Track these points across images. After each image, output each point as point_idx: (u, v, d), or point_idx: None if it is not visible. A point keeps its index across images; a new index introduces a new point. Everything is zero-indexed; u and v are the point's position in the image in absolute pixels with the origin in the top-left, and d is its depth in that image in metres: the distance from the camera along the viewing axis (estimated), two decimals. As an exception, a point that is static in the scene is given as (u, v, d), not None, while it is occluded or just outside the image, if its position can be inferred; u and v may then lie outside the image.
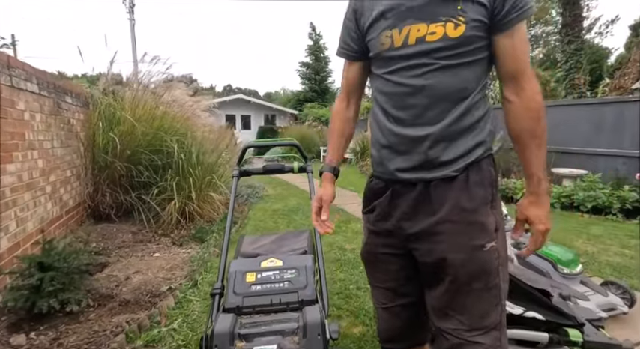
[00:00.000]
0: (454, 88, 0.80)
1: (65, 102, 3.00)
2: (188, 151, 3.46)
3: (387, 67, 0.85)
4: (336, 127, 1.05)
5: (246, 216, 4.05)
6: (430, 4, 0.77)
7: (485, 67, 0.84)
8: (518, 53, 0.80)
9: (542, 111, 0.81)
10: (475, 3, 0.76)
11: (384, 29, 0.82)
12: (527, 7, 0.78)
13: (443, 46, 0.77)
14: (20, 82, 2.16)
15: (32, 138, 2.31)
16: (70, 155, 3.10)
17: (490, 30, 0.79)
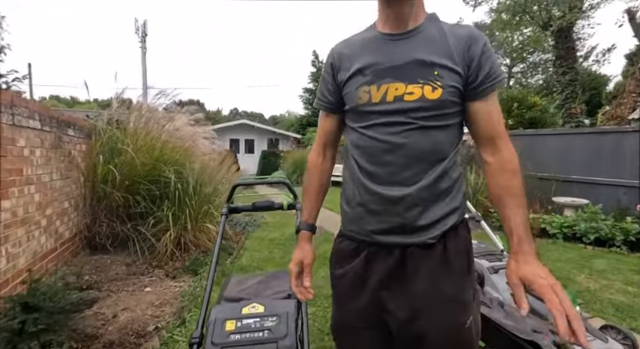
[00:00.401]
0: (431, 149, 0.81)
1: (67, 135, 3.09)
2: (185, 181, 3.50)
3: (363, 122, 0.86)
4: (312, 183, 1.04)
5: (242, 246, 4.02)
6: (409, 66, 0.81)
7: (459, 132, 0.87)
8: (494, 117, 0.83)
9: (518, 171, 0.82)
10: (451, 70, 0.79)
11: (362, 84, 0.85)
12: (500, 78, 0.83)
13: (421, 107, 0.79)
14: (22, 120, 2.24)
15: (30, 173, 2.37)
16: (69, 186, 3.15)
17: (464, 96, 0.82)
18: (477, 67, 0.80)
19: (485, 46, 0.81)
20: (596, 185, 4.74)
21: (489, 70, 0.80)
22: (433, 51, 0.80)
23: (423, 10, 0.87)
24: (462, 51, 0.80)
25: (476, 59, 0.80)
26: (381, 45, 0.85)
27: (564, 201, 4.70)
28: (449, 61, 0.79)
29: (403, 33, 0.84)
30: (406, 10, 0.82)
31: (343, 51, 0.92)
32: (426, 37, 0.83)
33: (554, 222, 4.34)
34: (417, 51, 0.81)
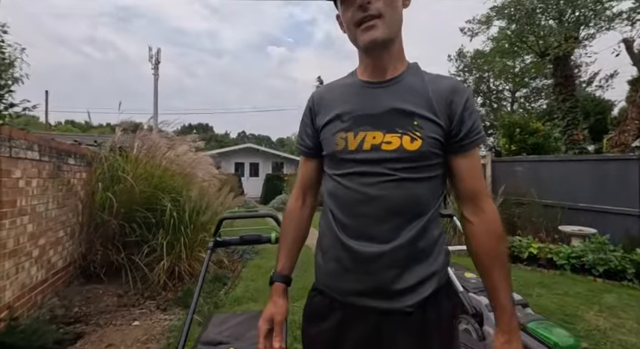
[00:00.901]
0: (409, 203, 0.77)
1: (67, 164, 3.14)
2: (182, 209, 3.49)
3: (339, 169, 0.83)
4: (288, 231, 0.98)
5: (238, 275, 3.93)
6: (387, 114, 0.78)
7: (440, 186, 0.83)
8: (475, 174, 0.81)
9: (502, 233, 0.79)
10: (431, 122, 0.77)
11: (339, 130, 0.82)
12: (481, 135, 0.81)
13: (399, 157, 0.76)
14: (20, 152, 2.29)
15: (25, 203, 2.38)
16: (66, 215, 3.16)
17: (445, 149, 0.79)
18: (460, 122, 0.78)
19: (469, 101, 0.79)
20: (603, 213, 4.60)
21: (472, 125, 0.78)
22: (413, 101, 0.79)
23: (403, 60, 0.86)
24: (444, 103, 0.78)
25: (458, 113, 0.78)
26: (361, 92, 0.84)
27: (571, 230, 4.56)
28: (429, 112, 0.77)
29: (383, 81, 0.83)
30: (385, 59, 0.82)
31: (323, 96, 0.91)
32: (406, 86, 0.81)
33: (561, 252, 4.19)
34: (397, 100, 0.79)
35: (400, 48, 0.85)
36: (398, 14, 0.79)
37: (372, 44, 0.77)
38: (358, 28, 0.76)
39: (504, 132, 7.60)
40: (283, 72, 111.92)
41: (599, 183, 4.76)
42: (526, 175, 5.60)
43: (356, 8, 0.74)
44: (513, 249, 4.56)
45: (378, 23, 0.75)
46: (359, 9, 0.74)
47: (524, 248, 4.47)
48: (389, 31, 0.77)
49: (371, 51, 0.81)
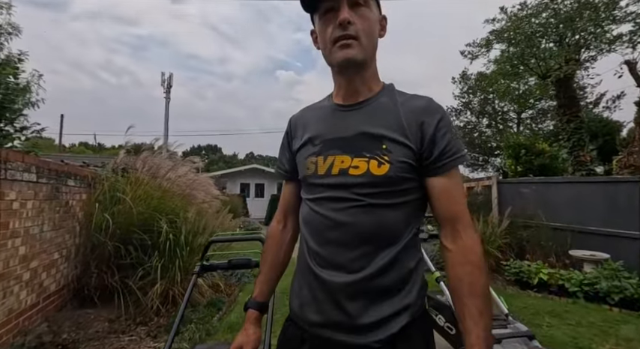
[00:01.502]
0: (379, 231, 0.73)
1: (66, 186, 3.15)
2: (178, 231, 3.45)
3: (311, 194, 0.82)
4: (267, 255, 0.95)
5: (235, 300, 3.81)
6: (356, 138, 0.76)
7: (416, 211, 0.79)
8: (454, 196, 0.76)
9: (482, 264, 0.72)
10: (401, 145, 0.74)
11: (310, 155, 0.81)
12: (459, 155, 0.76)
13: (366, 183, 0.73)
14: (16, 174, 2.31)
15: (18, 226, 2.37)
16: (62, 237, 3.14)
17: (421, 172, 0.76)
18: (431, 143, 0.74)
19: (442, 121, 0.76)
20: (615, 237, 4.41)
21: (445, 146, 0.75)
22: (383, 123, 0.76)
23: (377, 82, 0.85)
24: (415, 124, 0.75)
25: (429, 134, 0.74)
26: (333, 115, 0.83)
27: (582, 255, 4.36)
28: (400, 135, 0.74)
29: (354, 104, 0.82)
30: (357, 81, 0.81)
31: (299, 119, 0.91)
32: (376, 108, 0.80)
33: (572, 278, 3.99)
34: (366, 123, 0.77)
35: (374, 73, 0.84)
36: (373, 40, 0.79)
37: (346, 62, 0.76)
38: (335, 45, 0.76)
39: (510, 154, 7.51)
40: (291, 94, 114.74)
41: (609, 206, 4.59)
42: (533, 197, 5.46)
43: (336, 25, 0.74)
44: (522, 275, 4.37)
45: (354, 44, 0.75)
46: (339, 26, 0.73)
47: (533, 273, 4.28)
48: (364, 53, 0.77)
49: (344, 70, 0.80)
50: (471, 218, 0.78)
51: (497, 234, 4.98)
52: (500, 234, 4.99)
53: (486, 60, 9.47)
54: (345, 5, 0.73)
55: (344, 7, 0.73)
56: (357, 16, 0.74)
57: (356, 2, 0.74)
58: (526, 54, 7.98)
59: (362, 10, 0.75)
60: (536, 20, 7.81)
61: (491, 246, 4.84)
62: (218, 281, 3.86)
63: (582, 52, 7.91)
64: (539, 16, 7.80)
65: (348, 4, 0.74)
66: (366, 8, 0.76)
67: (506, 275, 4.65)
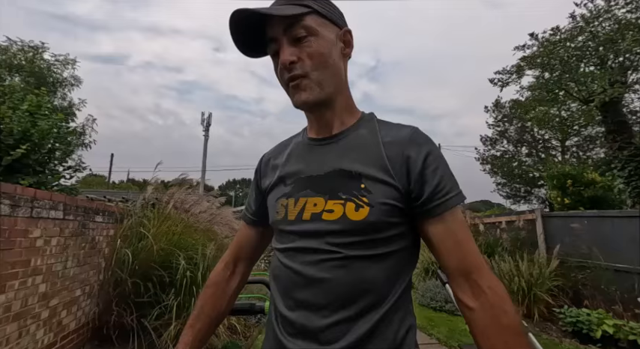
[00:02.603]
0: (358, 290, 0.59)
1: (93, 222, 3.25)
2: (196, 268, 3.39)
3: (281, 243, 0.69)
4: (205, 305, 0.79)
5: (252, 344, 3.59)
6: (330, 176, 0.65)
7: (406, 262, 0.65)
8: (461, 243, 0.61)
9: (521, 328, 0.55)
10: (383, 183, 0.62)
11: (281, 196, 0.70)
12: (453, 194, 0.62)
13: (341, 230, 0.61)
14: (42, 212, 2.39)
15: (40, 263, 2.42)
16: (86, 273, 3.18)
17: (412, 216, 0.63)
18: (420, 181, 0.62)
19: (431, 155, 0.63)
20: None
21: (438, 183, 0.62)
22: (361, 159, 0.65)
23: (353, 112, 0.74)
24: (400, 159, 0.63)
25: (417, 170, 0.62)
26: (306, 151, 0.73)
27: (656, 304, 3.69)
28: (380, 172, 0.62)
29: (328, 137, 0.71)
30: (328, 116, 0.71)
31: (271, 156, 0.81)
32: (354, 141, 0.68)
33: (647, 333, 3.35)
34: (342, 159, 0.66)
35: (346, 102, 0.73)
36: (331, 71, 0.67)
37: (302, 105, 0.67)
38: (288, 87, 0.67)
39: (554, 184, 6.87)
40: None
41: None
42: (586, 233, 4.85)
43: (282, 67, 0.65)
44: (581, 325, 3.75)
45: (307, 84, 0.65)
46: (285, 69, 0.65)
47: (595, 324, 3.66)
48: (321, 91, 0.66)
49: (306, 111, 0.71)
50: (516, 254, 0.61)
51: (546, 275, 4.41)
52: (550, 276, 4.42)
53: (518, 86, 9.12)
54: (284, 45, 0.64)
55: (283, 48, 0.64)
56: (302, 51, 0.64)
57: (297, 37, 0.64)
58: (564, 79, 7.57)
59: (308, 42, 0.65)
60: (571, 44, 7.48)
61: (539, 289, 4.28)
62: (234, 322, 3.68)
63: (629, 74, 7.36)
64: (575, 40, 7.47)
65: (288, 41, 0.65)
66: (313, 37, 0.65)
67: (560, 325, 4.03)
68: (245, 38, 0.67)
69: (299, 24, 0.64)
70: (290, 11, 0.62)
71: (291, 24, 0.63)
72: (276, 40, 0.65)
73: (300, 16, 0.63)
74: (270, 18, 0.64)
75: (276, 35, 0.65)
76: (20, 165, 3.52)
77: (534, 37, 7.92)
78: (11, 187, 2.08)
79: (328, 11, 0.69)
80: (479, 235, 5.56)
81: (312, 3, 0.66)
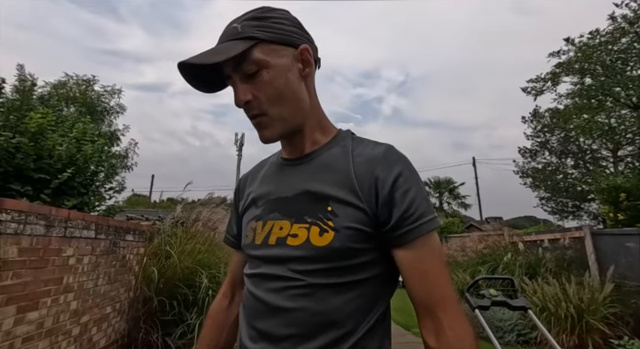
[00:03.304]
0: (323, 321, 0.54)
1: (124, 241, 3.41)
2: (219, 287, 3.40)
3: (249, 268, 0.66)
4: (206, 338, 0.77)
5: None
6: (299, 198, 0.62)
7: (378, 291, 0.59)
8: (429, 273, 0.56)
9: None
10: (349, 206, 0.57)
11: (252, 219, 0.68)
12: (425, 220, 0.56)
13: (305, 256, 0.57)
14: (75, 231, 2.54)
15: (72, 281, 2.55)
16: (117, 290, 3.32)
17: (383, 241, 0.58)
18: (388, 204, 0.57)
19: (402, 176, 0.58)
20: None
21: (407, 208, 0.56)
22: (329, 179, 0.61)
23: (326, 131, 0.70)
24: (368, 180, 0.58)
25: (385, 192, 0.57)
26: (278, 172, 0.71)
27: None
28: (348, 194, 0.58)
29: (299, 158, 0.68)
30: (298, 139, 0.68)
31: (248, 176, 0.79)
32: (324, 161, 0.65)
33: None
34: (311, 179, 0.63)
35: (317, 122, 0.69)
36: (291, 102, 0.62)
37: (267, 142, 0.65)
38: (252, 123, 0.65)
39: (604, 198, 6.25)
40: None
41: None
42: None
43: (239, 107, 0.63)
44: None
45: (267, 121, 0.62)
46: (242, 108, 0.63)
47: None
48: (284, 125, 0.63)
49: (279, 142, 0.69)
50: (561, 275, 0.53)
51: (600, 300, 3.94)
52: (604, 302, 3.95)
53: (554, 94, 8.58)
54: (237, 83, 0.61)
55: (236, 87, 0.61)
56: (255, 87, 0.61)
57: (249, 74, 0.60)
58: (607, 84, 7.03)
59: (260, 77, 0.60)
60: (614, 47, 6.97)
61: (592, 317, 3.82)
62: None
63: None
64: (618, 42, 6.95)
65: (240, 79, 0.61)
66: (264, 70, 0.60)
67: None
68: (202, 80, 0.65)
69: (246, 60, 0.59)
70: (233, 51, 0.57)
71: (239, 62, 0.59)
72: (229, 77, 0.62)
73: (244, 52, 0.58)
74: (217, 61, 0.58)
75: (229, 73, 0.61)
76: (66, 188, 3.80)
77: (570, 41, 7.47)
78: (46, 208, 2.24)
79: (276, 34, 0.61)
80: (518, 255, 5.14)
81: (256, 32, 0.60)
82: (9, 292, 1.93)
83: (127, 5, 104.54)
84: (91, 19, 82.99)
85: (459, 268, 5.91)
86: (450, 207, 21.68)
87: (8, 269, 1.93)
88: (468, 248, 6.54)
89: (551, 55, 7.83)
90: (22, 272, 2.04)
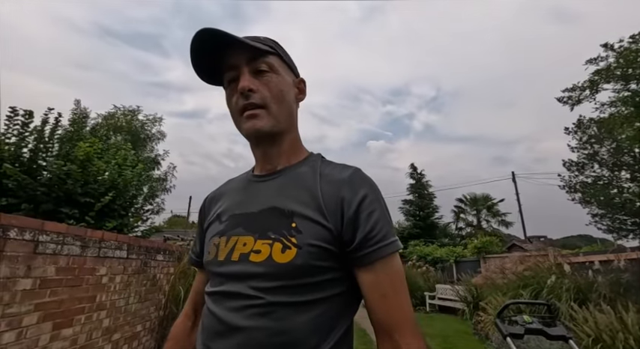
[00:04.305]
0: (281, 341, 0.54)
1: (154, 260, 3.57)
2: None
3: (210, 286, 0.66)
4: None
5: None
6: (264, 214, 0.63)
7: (340, 310, 0.59)
8: (385, 296, 0.56)
9: None
10: (314, 223, 0.58)
11: (215, 234, 0.68)
12: (386, 242, 0.57)
13: (266, 273, 0.57)
14: (108, 252, 2.71)
15: (105, 299, 2.70)
16: (147, 309, 3.45)
17: (345, 259, 0.58)
18: (352, 225, 0.57)
19: (367, 198, 0.59)
20: None
21: (371, 229, 0.57)
22: (296, 197, 0.62)
23: (299, 152, 0.73)
24: (334, 200, 0.59)
25: (350, 213, 0.58)
26: (246, 187, 0.72)
27: None
28: (314, 211, 0.59)
29: (269, 174, 0.70)
30: (273, 153, 0.70)
31: (215, 193, 0.81)
32: (292, 179, 0.66)
33: None
34: (277, 196, 0.64)
35: (294, 143, 0.72)
36: (286, 108, 0.69)
37: (255, 133, 0.66)
38: (242, 115, 0.67)
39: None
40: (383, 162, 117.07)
41: None
42: None
43: (239, 95, 0.66)
44: None
45: (262, 113, 0.65)
46: (241, 96, 0.65)
47: None
48: (275, 122, 0.66)
49: (255, 141, 0.70)
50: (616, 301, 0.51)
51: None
52: (673, 334, 3.44)
53: (595, 103, 7.99)
54: (245, 73, 0.66)
55: (244, 76, 0.65)
56: (261, 83, 0.66)
57: (258, 70, 0.66)
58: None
59: (267, 77, 0.67)
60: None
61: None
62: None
63: None
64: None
65: (249, 71, 0.66)
66: (273, 74, 0.67)
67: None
68: (202, 61, 0.67)
69: (262, 59, 0.66)
70: (257, 45, 0.65)
71: (255, 57, 0.65)
72: (237, 67, 0.66)
73: (265, 52, 0.66)
74: (234, 46, 0.65)
75: (238, 63, 0.65)
76: (108, 210, 4.10)
77: (609, 47, 7.00)
78: (82, 230, 2.42)
79: (289, 60, 0.73)
80: (564, 277, 4.68)
81: (276, 47, 0.70)
82: (46, 309, 2.08)
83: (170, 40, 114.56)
84: (140, 55, 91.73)
85: (497, 291, 5.49)
86: (490, 225, 20.40)
87: (46, 287, 2.09)
88: (507, 269, 6.07)
89: (588, 62, 7.37)
90: (59, 290, 2.19)
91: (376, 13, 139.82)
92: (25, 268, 1.92)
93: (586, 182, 14.85)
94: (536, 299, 4.44)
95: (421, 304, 9.29)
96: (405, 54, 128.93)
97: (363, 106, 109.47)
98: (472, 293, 7.57)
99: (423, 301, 9.39)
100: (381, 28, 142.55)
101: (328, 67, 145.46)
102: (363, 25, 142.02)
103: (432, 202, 19.62)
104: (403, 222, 20.48)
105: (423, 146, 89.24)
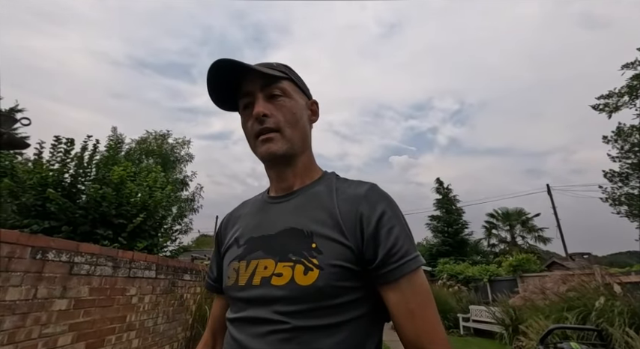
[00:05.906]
0: None
1: (182, 280, 3.62)
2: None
3: (232, 312, 0.64)
4: None
5: None
6: (283, 236, 0.61)
7: (365, 333, 0.56)
8: (413, 311, 0.54)
9: None
10: (334, 242, 0.57)
11: (233, 259, 0.67)
12: (409, 258, 0.56)
13: (289, 297, 0.55)
14: (138, 272, 2.79)
15: (134, 319, 2.75)
16: (175, 329, 3.48)
17: (368, 278, 0.57)
18: (373, 242, 0.56)
19: (386, 213, 0.58)
20: None
21: (392, 246, 0.55)
22: (313, 216, 0.61)
23: (313, 172, 0.73)
24: (353, 217, 0.59)
25: (370, 230, 0.57)
26: (262, 209, 0.71)
27: None
28: (333, 230, 0.58)
29: (284, 195, 0.70)
30: (288, 174, 0.70)
31: (231, 216, 0.80)
32: (308, 198, 0.66)
33: None
34: (294, 216, 0.63)
35: (308, 163, 0.72)
36: (300, 130, 0.70)
37: (269, 157, 0.67)
38: (257, 139, 0.68)
39: None
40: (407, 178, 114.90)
41: None
42: None
43: (254, 120, 0.67)
44: None
45: (276, 137, 0.67)
46: (256, 121, 0.67)
47: None
48: (289, 145, 0.67)
49: (270, 164, 0.71)
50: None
51: None
52: None
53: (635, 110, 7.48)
54: (259, 99, 0.67)
55: (258, 101, 0.67)
56: (275, 107, 0.68)
57: (272, 94, 0.68)
58: None
59: (281, 101, 0.68)
60: None
61: None
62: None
63: None
64: None
65: (264, 97, 0.68)
66: (286, 98, 0.69)
67: None
68: (217, 89, 0.70)
69: (275, 84, 0.68)
70: (270, 72, 0.68)
71: (269, 84, 0.68)
72: (252, 94, 0.68)
73: (278, 77, 0.69)
74: (248, 74, 0.68)
75: (252, 90, 0.68)
76: (139, 230, 4.25)
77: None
78: (114, 251, 2.51)
79: (301, 83, 0.76)
80: (615, 299, 4.26)
81: (288, 72, 0.72)
82: (79, 329, 2.14)
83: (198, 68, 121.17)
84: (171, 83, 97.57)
85: (538, 314, 5.07)
86: (525, 241, 19.20)
87: (80, 307, 2.16)
88: (548, 289, 5.62)
89: (625, 67, 6.98)
90: (92, 310, 2.26)
91: (396, 28, 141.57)
92: (61, 289, 2.00)
93: (632, 194, 13.79)
94: (584, 324, 4.06)
95: (454, 326, 8.76)
96: (426, 68, 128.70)
97: (385, 122, 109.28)
98: (510, 315, 7.05)
99: (456, 323, 8.85)
100: (401, 44, 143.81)
101: (349, 85, 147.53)
102: (383, 41, 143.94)
103: (460, 217, 18.83)
104: (431, 238, 19.75)
105: (449, 160, 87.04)
